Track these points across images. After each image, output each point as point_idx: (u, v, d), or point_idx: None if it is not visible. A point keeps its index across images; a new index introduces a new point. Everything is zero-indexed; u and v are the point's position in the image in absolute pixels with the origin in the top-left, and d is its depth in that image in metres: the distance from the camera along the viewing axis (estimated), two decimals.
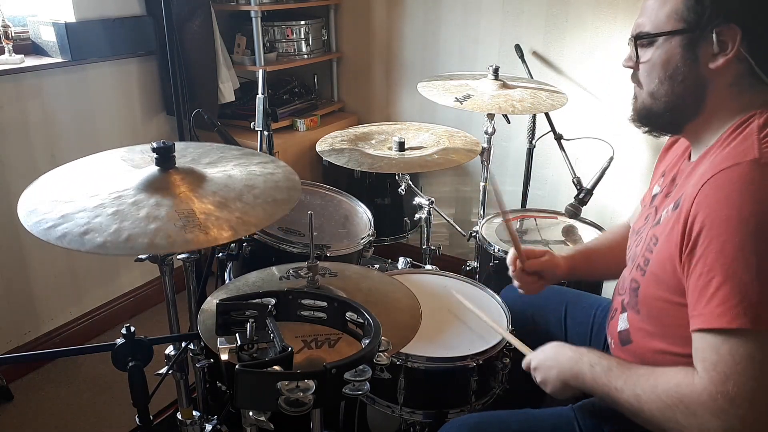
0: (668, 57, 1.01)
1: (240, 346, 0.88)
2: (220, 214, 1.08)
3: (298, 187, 1.23)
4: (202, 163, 1.28)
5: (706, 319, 0.89)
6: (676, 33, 0.99)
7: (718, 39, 0.96)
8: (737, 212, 0.86)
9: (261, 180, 1.22)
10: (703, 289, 0.90)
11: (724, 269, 0.87)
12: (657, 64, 1.02)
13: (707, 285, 0.89)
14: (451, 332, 1.48)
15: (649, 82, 1.05)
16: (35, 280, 2.27)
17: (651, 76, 1.04)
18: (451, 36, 2.66)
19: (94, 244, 0.97)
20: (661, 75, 1.03)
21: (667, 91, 1.03)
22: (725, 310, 0.87)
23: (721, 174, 0.90)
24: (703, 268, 0.90)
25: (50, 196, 1.12)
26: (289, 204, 1.16)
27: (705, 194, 0.91)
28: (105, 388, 2.20)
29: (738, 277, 0.86)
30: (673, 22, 0.99)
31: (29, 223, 1.04)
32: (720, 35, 0.96)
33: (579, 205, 1.96)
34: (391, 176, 2.29)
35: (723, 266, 0.87)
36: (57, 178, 1.20)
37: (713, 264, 0.88)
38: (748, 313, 0.85)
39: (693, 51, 0.98)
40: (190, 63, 2.46)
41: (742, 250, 0.86)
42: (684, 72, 1.00)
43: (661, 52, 1.01)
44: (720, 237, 0.87)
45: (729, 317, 0.86)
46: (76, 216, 1.04)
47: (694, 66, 0.99)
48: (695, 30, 0.97)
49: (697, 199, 0.91)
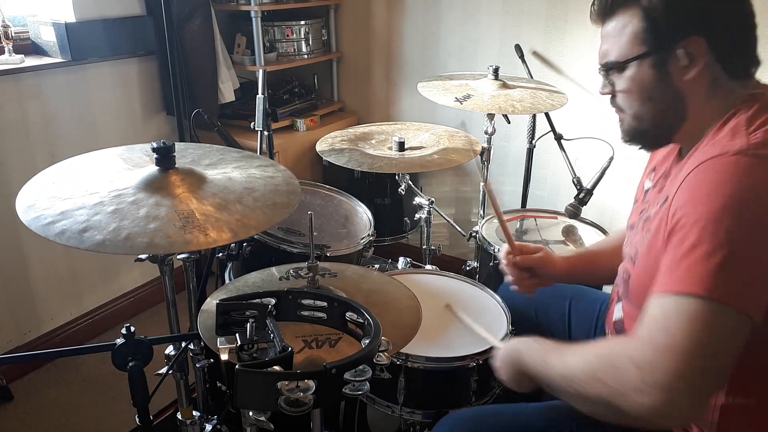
0: (641, 80, 1.02)
1: (240, 346, 0.88)
2: (219, 216, 1.08)
3: (298, 191, 1.23)
4: (202, 165, 1.28)
5: (663, 285, 0.89)
6: (642, 56, 1.01)
7: (685, 52, 0.97)
8: (715, 191, 0.87)
9: (261, 183, 1.23)
10: (669, 263, 0.90)
11: (691, 242, 0.87)
12: (633, 89, 1.04)
13: (674, 258, 0.89)
14: (451, 332, 1.48)
15: (629, 106, 1.06)
16: (35, 280, 2.27)
17: (630, 101, 1.05)
18: (451, 36, 2.66)
19: (93, 242, 0.97)
20: (640, 98, 1.04)
21: (649, 111, 1.05)
22: (684, 277, 0.86)
23: (705, 163, 0.91)
24: (675, 242, 0.90)
25: (49, 192, 1.11)
26: (288, 208, 1.16)
27: (688, 180, 0.92)
28: (105, 388, 2.20)
29: (702, 247, 0.85)
30: (637, 47, 1.00)
31: (28, 219, 1.04)
32: (686, 49, 0.97)
33: (579, 205, 1.96)
34: (391, 176, 2.29)
35: (692, 239, 0.87)
36: (56, 174, 1.20)
37: (684, 237, 0.88)
38: (705, 281, 0.84)
39: (664, 69, 1.00)
40: (190, 63, 2.46)
41: (712, 223, 0.85)
42: (660, 90, 1.02)
43: (634, 77, 1.03)
44: (694, 214, 0.88)
45: (684, 283, 0.86)
46: (76, 213, 1.03)
47: (669, 82, 1.01)
48: (660, 50, 0.99)
49: (682, 185, 0.93)
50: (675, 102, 1.02)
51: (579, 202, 1.95)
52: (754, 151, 0.89)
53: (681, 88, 1.01)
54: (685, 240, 0.88)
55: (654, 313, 0.89)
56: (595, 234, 2.01)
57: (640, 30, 1.00)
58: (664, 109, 1.04)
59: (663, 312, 0.87)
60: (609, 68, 1.06)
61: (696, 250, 0.86)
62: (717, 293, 0.84)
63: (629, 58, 1.02)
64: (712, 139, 0.98)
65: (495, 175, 2.66)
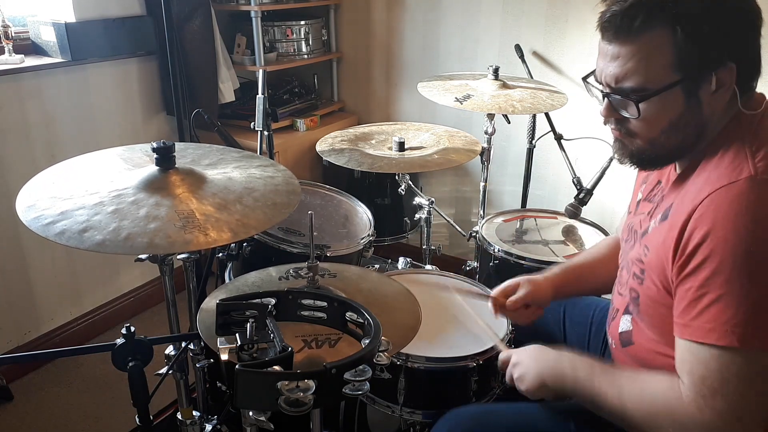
0: (669, 108, 0.97)
1: (240, 346, 0.87)
2: (219, 216, 1.08)
3: (298, 191, 1.23)
4: (201, 164, 1.28)
5: (695, 332, 0.90)
6: (677, 84, 0.94)
7: (716, 78, 0.94)
8: (735, 232, 0.87)
9: (261, 183, 1.23)
10: (693, 302, 0.91)
11: (718, 287, 0.88)
12: (657, 117, 0.98)
13: (698, 299, 0.90)
14: (451, 332, 1.48)
15: (647, 132, 1.00)
16: (35, 280, 2.27)
17: (650, 128, 0.99)
18: (451, 36, 2.66)
19: (93, 242, 0.97)
20: (664, 126, 0.98)
21: (670, 138, 0.99)
22: (715, 326, 0.88)
23: (718, 192, 0.90)
24: (695, 282, 0.91)
25: (49, 192, 1.11)
26: (288, 208, 1.16)
27: (702, 211, 0.91)
28: (105, 388, 2.20)
29: (731, 296, 0.87)
30: (669, 74, 0.94)
31: (28, 219, 1.04)
32: (718, 75, 0.94)
33: (579, 205, 1.95)
34: (391, 176, 2.29)
35: (717, 284, 0.88)
36: (56, 174, 1.20)
37: (707, 280, 0.89)
38: (735, 331, 0.86)
39: (695, 96, 0.96)
40: (190, 63, 2.46)
41: (737, 269, 0.87)
42: (687, 117, 0.97)
43: (661, 104, 0.96)
44: (716, 255, 0.88)
45: (718, 334, 0.88)
46: (76, 213, 1.04)
47: (698, 109, 0.97)
48: (694, 78, 0.94)
49: (695, 215, 0.91)
50: (698, 127, 0.98)
51: (579, 202, 1.95)
52: (762, 177, 0.89)
53: (707, 114, 0.97)
54: (708, 284, 0.89)
55: (695, 369, 0.90)
56: (595, 234, 2.00)
57: (675, 56, 0.93)
58: (687, 136, 0.99)
59: (706, 370, 0.89)
60: (629, 94, 0.97)
61: (724, 298, 0.87)
62: (756, 343, 0.86)
63: (661, 87, 0.94)
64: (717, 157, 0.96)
65: (495, 175, 2.66)
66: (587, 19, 2.33)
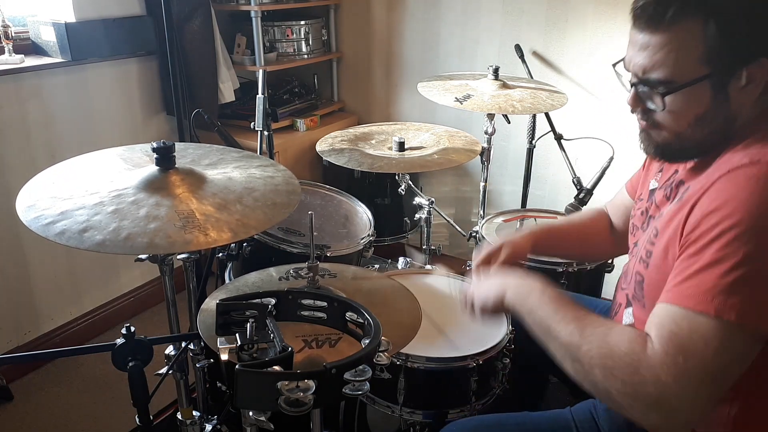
0: (697, 102, 0.95)
1: (240, 346, 0.87)
2: (219, 216, 1.08)
3: (298, 191, 1.23)
4: (201, 164, 1.28)
5: (675, 296, 0.88)
6: (705, 78, 0.92)
7: (747, 73, 0.92)
8: (746, 206, 0.85)
9: (261, 183, 1.23)
10: (683, 269, 0.89)
11: (709, 255, 0.86)
12: (684, 110, 0.96)
13: (689, 266, 0.88)
14: (451, 332, 1.48)
15: (674, 125, 0.98)
16: (35, 280, 2.27)
17: (677, 121, 0.97)
18: (451, 36, 2.66)
19: (93, 242, 0.97)
20: (690, 119, 0.96)
21: (697, 132, 0.98)
22: (696, 292, 0.86)
23: (736, 172, 0.88)
24: (693, 250, 0.89)
25: (49, 192, 1.11)
26: (288, 208, 1.16)
27: (718, 186, 0.89)
28: (105, 388, 2.20)
29: (719, 265, 0.85)
30: (699, 68, 0.92)
31: (28, 219, 1.04)
32: (749, 70, 0.92)
33: (579, 205, 1.95)
34: (391, 176, 2.29)
35: (710, 252, 0.86)
36: (56, 174, 1.20)
37: (702, 248, 0.87)
38: (714, 301, 0.84)
39: (724, 91, 0.94)
40: (190, 63, 2.46)
41: (735, 240, 0.85)
42: (715, 112, 0.95)
43: (688, 98, 0.94)
44: (720, 225, 0.86)
45: (696, 300, 0.85)
46: (76, 213, 1.03)
47: (726, 104, 0.95)
48: (724, 72, 0.92)
49: (710, 189, 0.90)
50: (725, 122, 0.96)
51: (579, 202, 1.95)
52: None
53: (735, 109, 0.95)
54: (704, 252, 0.87)
55: (667, 325, 0.88)
56: None
57: (705, 50, 0.91)
58: (714, 130, 0.97)
59: (677, 328, 0.86)
60: (655, 85, 0.95)
61: (712, 267, 0.85)
62: (731, 314, 0.83)
63: (689, 81, 0.92)
64: (745, 145, 0.94)
65: (495, 175, 2.66)
66: (587, 19, 2.33)
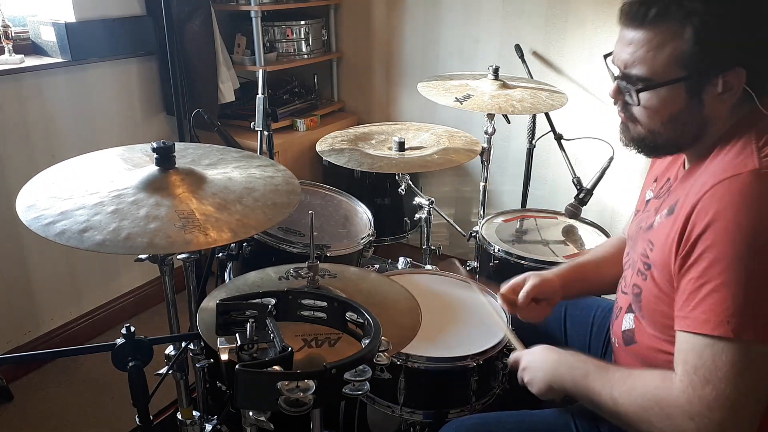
0: (670, 102, 0.97)
1: (240, 346, 0.87)
2: (219, 216, 1.08)
3: (298, 191, 1.23)
4: (202, 164, 1.28)
5: (692, 323, 0.90)
6: (680, 80, 0.95)
7: (723, 81, 0.93)
8: (736, 224, 0.87)
9: (261, 183, 1.23)
10: (692, 293, 0.91)
11: (715, 277, 0.88)
12: (658, 109, 0.99)
13: (697, 290, 0.90)
14: (451, 332, 1.48)
15: (647, 121, 1.01)
16: (35, 280, 2.27)
17: (652, 118, 1.00)
18: (451, 36, 2.66)
19: (93, 242, 0.97)
20: (662, 118, 0.99)
21: (668, 130, 1.00)
22: (711, 317, 0.88)
23: (722, 184, 0.90)
24: (695, 273, 0.91)
25: (49, 192, 1.11)
26: (288, 207, 1.16)
27: (705, 203, 0.91)
28: (105, 388, 2.20)
29: (728, 287, 0.87)
30: (675, 70, 0.94)
31: (28, 219, 1.04)
32: (725, 78, 0.93)
33: (579, 205, 1.96)
34: (391, 176, 2.29)
35: (715, 274, 0.88)
36: (56, 174, 1.20)
37: (706, 271, 0.89)
38: (731, 321, 0.86)
39: (698, 96, 0.96)
40: (190, 63, 2.46)
41: (736, 261, 0.87)
42: (687, 115, 0.98)
43: (662, 98, 0.97)
44: (716, 246, 0.88)
45: (713, 324, 0.87)
46: (76, 213, 1.03)
47: (698, 109, 0.97)
48: (699, 77, 0.94)
49: (698, 207, 0.91)
50: (698, 125, 0.99)
51: (579, 202, 1.95)
52: (766, 170, 0.89)
53: (708, 114, 0.97)
54: (708, 274, 0.89)
55: (689, 358, 0.90)
56: (595, 234, 2.00)
57: (683, 53, 0.93)
58: (686, 131, 1.00)
59: (699, 359, 0.89)
60: (634, 81, 0.99)
61: (720, 289, 0.87)
62: (749, 334, 0.85)
63: (664, 81, 0.95)
64: (723, 152, 0.97)
65: (495, 175, 2.66)
66: (587, 19, 2.33)
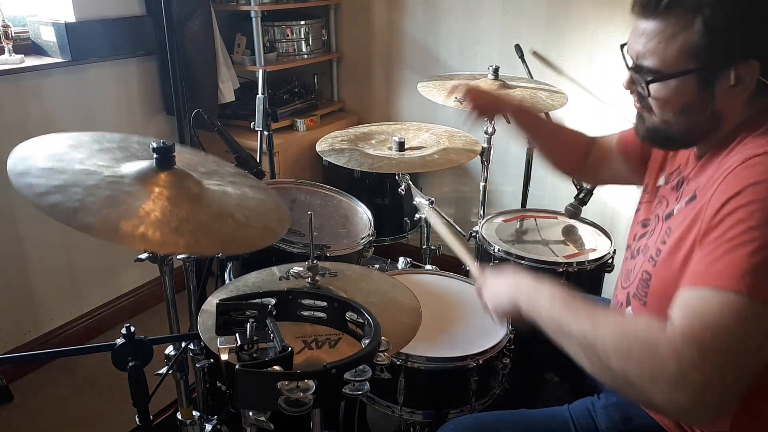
0: (682, 94, 0.96)
1: (240, 346, 0.87)
2: (213, 227, 1.06)
3: (287, 220, 1.21)
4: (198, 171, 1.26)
5: (703, 277, 0.86)
6: (690, 72, 0.94)
7: (735, 74, 0.92)
8: (761, 190, 0.84)
9: (253, 203, 1.20)
10: (711, 252, 0.87)
11: (735, 237, 0.84)
12: (670, 100, 0.98)
13: (715, 249, 0.86)
14: (451, 332, 1.48)
15: (661, 113, 1.01)
16: (35, 280, 2.27)
17: (664, 109, 1.00)
18: (451, 36, 2.66)
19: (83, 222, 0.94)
20: (675, 109, 0.98)
21: (682, 122, 1.00)
22: (727, 272, 0.84)
23: (752, 160, 0.88)
24: (719, 233, 0.87)
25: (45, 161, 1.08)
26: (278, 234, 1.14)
27: (733, 177, 0.88)
28: (105, 388, 2.20)
29: (752, 246, 0.83)
30: (686, 61, 0.93)
31: (21, 184, 0.97)
32: (737, 70, 0.92)
33: (579, 205, 1.95)
34: (391, 176, 2.29)
35: (736, 234, 0.85)
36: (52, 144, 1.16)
37: (727, 231, 0.86)
38: (746, 278, 0.82)
39: (709, 88, 0.95)
40: (190, 63, 2.46)
41: (760, 225, 0.83)
42: (700, 107, 0.97)
43: (674, 89, 0.96)
44: (741, 210, 0.85)
45: (727, 279, 0.83)
46: (71, 190, 1.00)
47: (711, 101, 0.96)
48: (711, 69, 0.93)
49: (726, 179, 0.89)
50: (711, 117, 0.98)
51: (579, 202, 1.95)
52: None
53: (721, 106, 0.96)
54: (729, 234, 0.85)
55: (694, 305, 0.85)
56: (595, 234, 2.00)
57: (693, 44, 0.92)
58: (699, 123, 0.99)
59: (705, 306, 0.83)
60: (645, 72, 0.98)
61: (742, 247, 0.83)
62: (764, 292, 0.81)
63: (675, 72, 0.95)
64: (753, 140, 0.94)
65: (495, 175, 2.66)
66: (587, 19, 2.33)
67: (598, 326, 0.90)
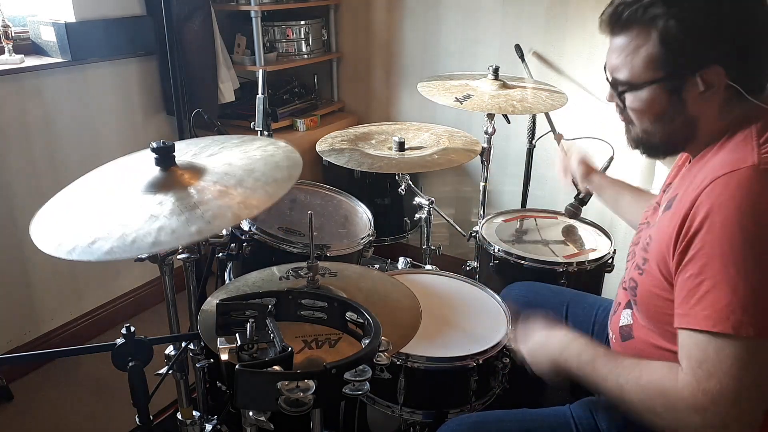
0: (653, 102, 1.01)
1: (240, 346, 0.88)
2: (221, 203, 1.07)
3: (299, 164, 1.21)
4: (203, 156, 1.27)
5: (692, 320, 0.91)
6: (656, 82, 0.99)
7: (702, 80, 0.96)
8: (734, 219, 0.87)
9: (261, 163, 1.21)
10: (692, 290, 0.91)
11: (714, 274, 0.88)
12: (644, 109, 1.03)
13: (697, 287, 0.90)
14: (451, 332, 1.48)
15: (639, 122, 1.06)
16: (35, 280, 2.27)
17: (641, 119, 1.05)
18: (451, 36, 2.66)
19: (101, 251, 0.96)
20: (650, 117, 1.03)
21: (659, 130, 1.04)
22: (711, 313, 0.88)
23: (721, 180, 0.91)
24: (694, 269, 0.91)
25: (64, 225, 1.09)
26: (290, 181, 1.15)
27: (703, 199, 0.91)
28: (105, 388, 2.20)
29: (727, 283, 0.87)
30: (651, 71, 0.98)
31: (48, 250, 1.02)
32: (703, 77, 0.96)
33: (579, 205, 1.95)
34: (391, 176, 2.29)
35: (714, 271, 0.88)
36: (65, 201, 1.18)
37: (705, 267, 0.90)
38: (731, 318, 0.86)
39: (678, 95, 0.99)
40: (190, 63, 2.46)
41: (734, 257, 0.87)
42: (672, 113, 1.01)
43: (645, 98, 1.01)
44: (714, 242, 0.88)
45: (713, 321, 0.88)
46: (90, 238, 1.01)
47: (682, 107, 1.00)
48: (676, 77, 0.97)
49: (696, 203, 0.92)
50: (686, 123, 1.02)
51: (579, 202, 1.95)
52: (765, 166, 0.89)
53: (694, 112, 1.00)
54: (707, 271, 0.89)
55: (693, 353, 0.91)
56: (595, 234, 2.01)
57: (654, 55, 0.97)
58: (675, 129, 1.03)
59: (703, 354, 0.89)
60: (617, 85, 1.04)
61: (720, 284, 0.87)
62: (749, 330, 0.85)
63: (642, 82, 1.00)
64: (722, 148, 0.98)
65: (495, 175, 2.66)
66: (587, 19, 2.33)
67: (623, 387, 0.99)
